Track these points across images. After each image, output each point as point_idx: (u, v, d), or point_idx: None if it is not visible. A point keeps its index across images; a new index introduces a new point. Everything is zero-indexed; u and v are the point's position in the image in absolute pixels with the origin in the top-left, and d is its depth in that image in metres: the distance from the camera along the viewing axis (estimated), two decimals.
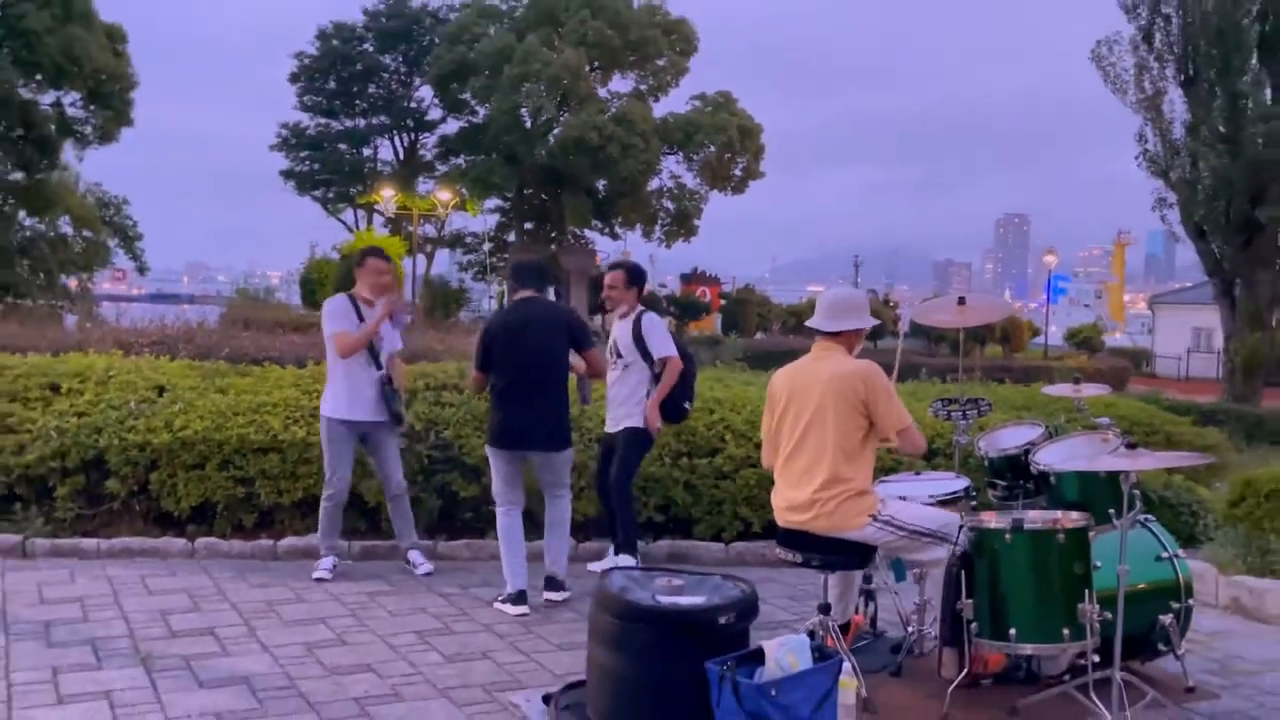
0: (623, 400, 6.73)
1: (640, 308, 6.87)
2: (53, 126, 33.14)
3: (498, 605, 6.08)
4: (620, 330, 6.82)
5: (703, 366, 7.39)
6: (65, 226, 35.64)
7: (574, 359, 6.41)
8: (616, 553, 6.75)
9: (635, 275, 6.92)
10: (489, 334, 6.25)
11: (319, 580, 6.44)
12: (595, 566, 6.86)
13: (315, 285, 31.49)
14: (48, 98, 33.38)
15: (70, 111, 33.98)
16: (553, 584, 6.25)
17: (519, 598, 6.04)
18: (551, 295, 6.52)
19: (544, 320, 6.24)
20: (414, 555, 6.75)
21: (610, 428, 6.84)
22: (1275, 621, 6.34)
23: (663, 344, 6.69)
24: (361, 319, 6.53)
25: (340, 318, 6.51)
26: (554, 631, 5.70)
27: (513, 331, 6.17)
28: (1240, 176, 26.93)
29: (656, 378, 6.68)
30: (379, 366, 6.56)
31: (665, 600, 4.27)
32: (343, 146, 50.95)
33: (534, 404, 6.15)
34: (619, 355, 6.77)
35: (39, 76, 32.18)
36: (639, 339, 6.69)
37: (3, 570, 6.46)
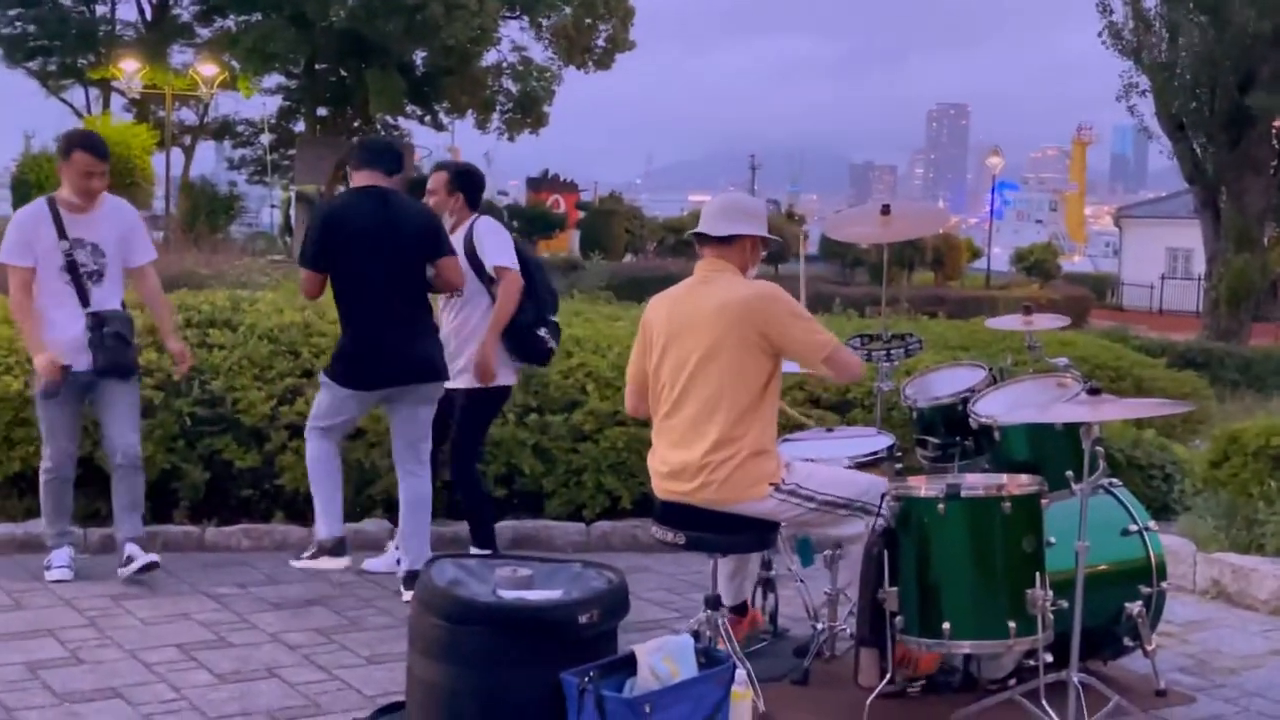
0: (461, 343, 6.57)
1: (473, 216, 6.74)
2: None
3: (302, 563, 6.11)
4: None
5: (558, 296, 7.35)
6: None
7: None
8: (480, 545, 6.68)
9: (463, 178, 6.81)
10: (332, 220, 6.17)
11: (58, 581, 6.24)
12: (371, 565, 6.80)
13: (32, 188, 30.36)
14: None
15: None
16: (412, 580, 6.18)
17: (338, 546, 6.06)
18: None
19: (411, 218, 6.20)
20: (131, 548, 6.33)
21: (453, 380, 6.64)
22: (1262, 608, 6.65)
23: (496, 250, 6.52)
24: (64, 234, 6.19)
25: (19, 245, 6.17)
26: (363, 640, 5.68)
27: (374, 228, 6.05)
28: (1227, 55, 27.68)
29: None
30: (86, 301, 6.24)
31: (509, 595, 4.29)
32: (67, 2, 49.03)
33: (410, 326, 6.14)
34: (459, 291, 6.59)
35: None
36: (472, 255, 6.55)
37: None
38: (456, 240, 6.60)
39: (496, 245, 6.56)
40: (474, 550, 6.56)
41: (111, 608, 5.98)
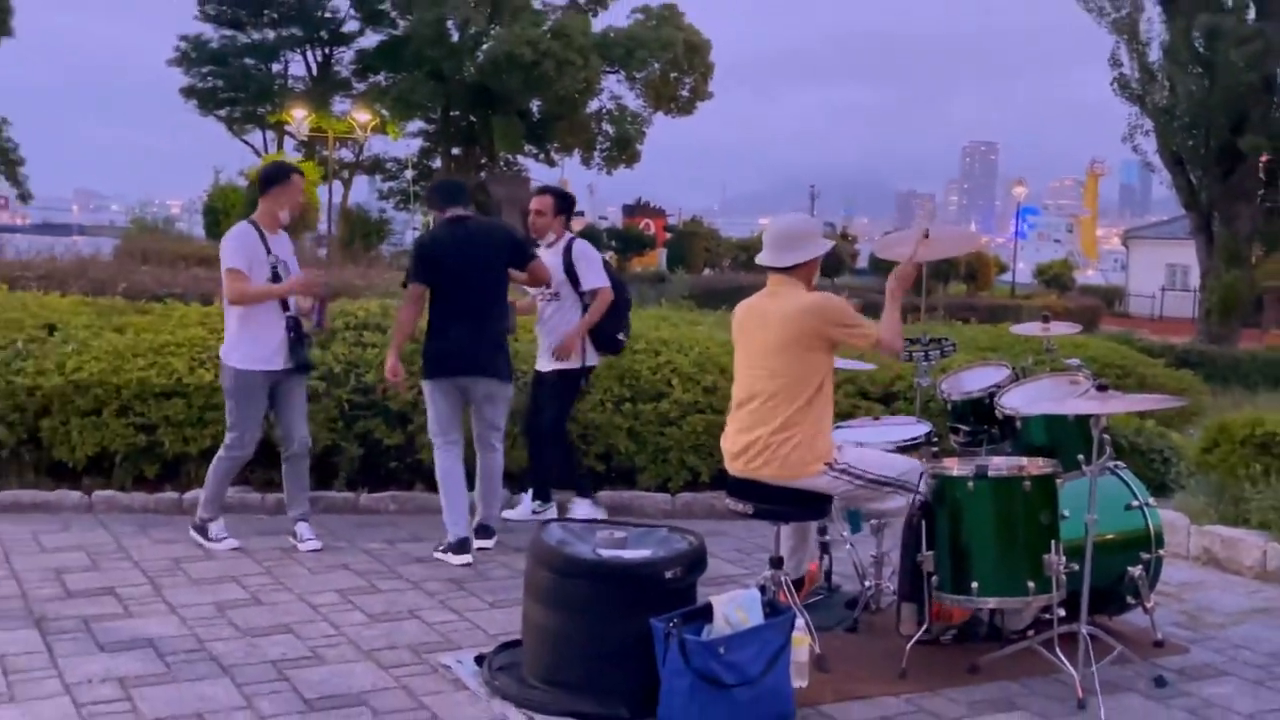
0: (553, 330, 6.87)
1: (570, 235, 6.98)
2: None
3: (438, 555, 6.16)
4: (549, 259, 6.83)
5: (647, 305, 7.41)
6: None
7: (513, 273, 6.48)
8: (537, 498, 7.05)
9: (563, 201, 7.04)
10: (431, 245, 6.29)
11: (234, 550, 6.23)
12: (509, 514, 6.97)
13: (220, 215, 30.88)
14: None
15: None
16: (487, 532, 6.39)
17: (462, 545, 6.10)
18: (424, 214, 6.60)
19: (486, 238, 6.33)
20: (302, 528, 6.37)
21: (541, 365, 6.95)
22: (1247, 573, 6.53)
23: (593, 274, 6.80)
24: (269, 250, 6.20)
25: (241, 252, 6.10)
26: (487, 588, 5.73)
27: (457, 250, 6.19)
28: (1219, 103, 27.25)
29: (587, 309, 6.81)
30: (286, 306, 6.26)
31: (607, 554, 4.31)
32: (249, 61, 49.84)
33: (480, 329, 6.21)
34: (547, 285, 6.83)
35: None
36: (569, 268, 6.81)
37: None
38: (556, 252, 6.85)
39: (592, 269, 6.82)
40: (535, 504, 6.97)
41: (284, 559, 6.09)
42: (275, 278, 6.20)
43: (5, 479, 7.04)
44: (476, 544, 6.28)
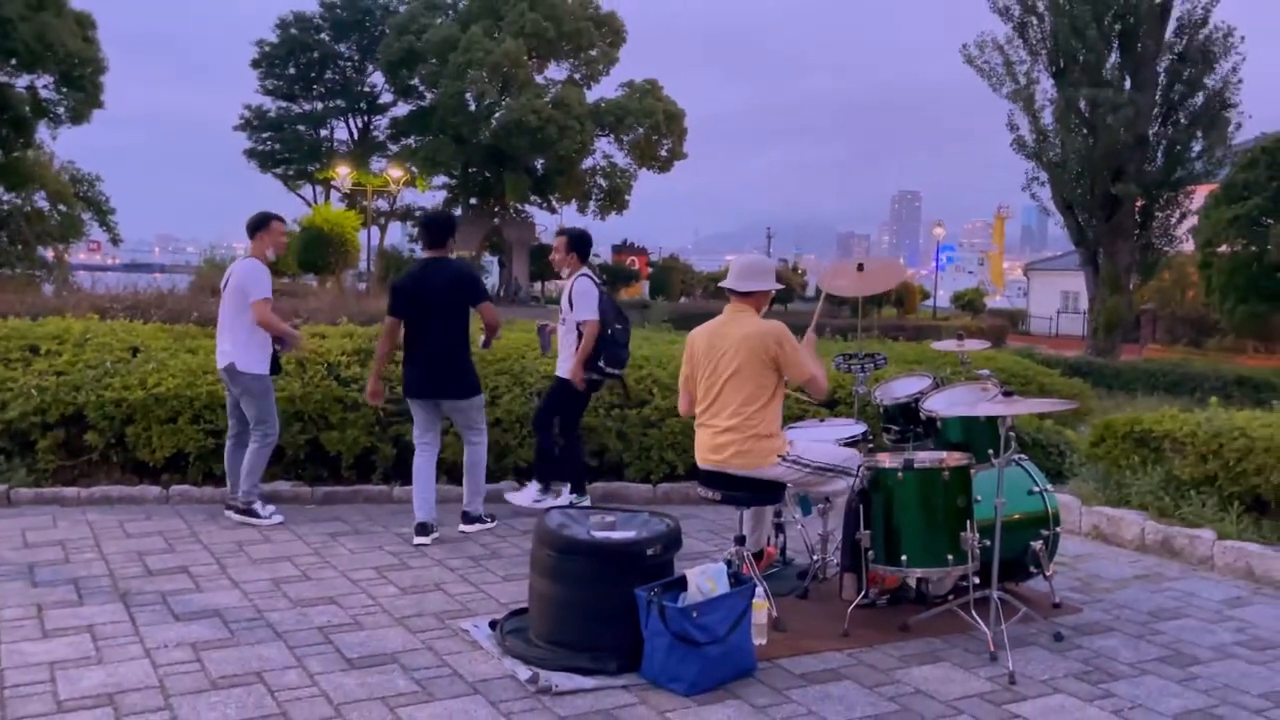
0: (562, 351, 6.82)
1: (581, 271, 6.81)
2: (27, 108, 31.99)
3: (415, 540, 6.06)
4: (564, 290, 6.84)
5: (633, 327, 7.36)
6: (41, 201, 34.48)
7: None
8: (541, 489, 6.88)
9: (575, 241, 6.89)
10: (399, 288, 6.22)
11: (278, 525, 6.27)
12: (513, 498, 6.92)
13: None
14: (22, 81, 32.20)
15: (44, 94, 32.83)
16: (468, 518, 6.32)
17: (421, 529, 6.08)
18: (454, 254, 6.43)
19: (445, 279, 6.12)
20: (258, 504, 6.39)
21: (558, 371, 6.89)
22: (1129, 546, 6.53)
23: (582, 308, 6.64)
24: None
25: (267, 285, 6.31)
26: (499, 565, 5.69)
27: (418, 290, 6.11)
28: (1101, 158, 27.46)
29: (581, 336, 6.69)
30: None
31: (599, 535, 4.29)
32: (301, 127, 49.92)
33: (440, 357, 6.11)
34: (562, 312, 6.82)
35: (14, 61, 31.00)
36: (571, 300, 6.74)
37: None
38: (568, 284, 6.75)
39: (582, 304, 6.65)
40: (573, 497, 6.74)
41: (329, 542, 6.04)
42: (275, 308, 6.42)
43: (96, 476, 6.98)
44: (461, 528, 6.25)
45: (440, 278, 6.13)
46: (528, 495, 6.93)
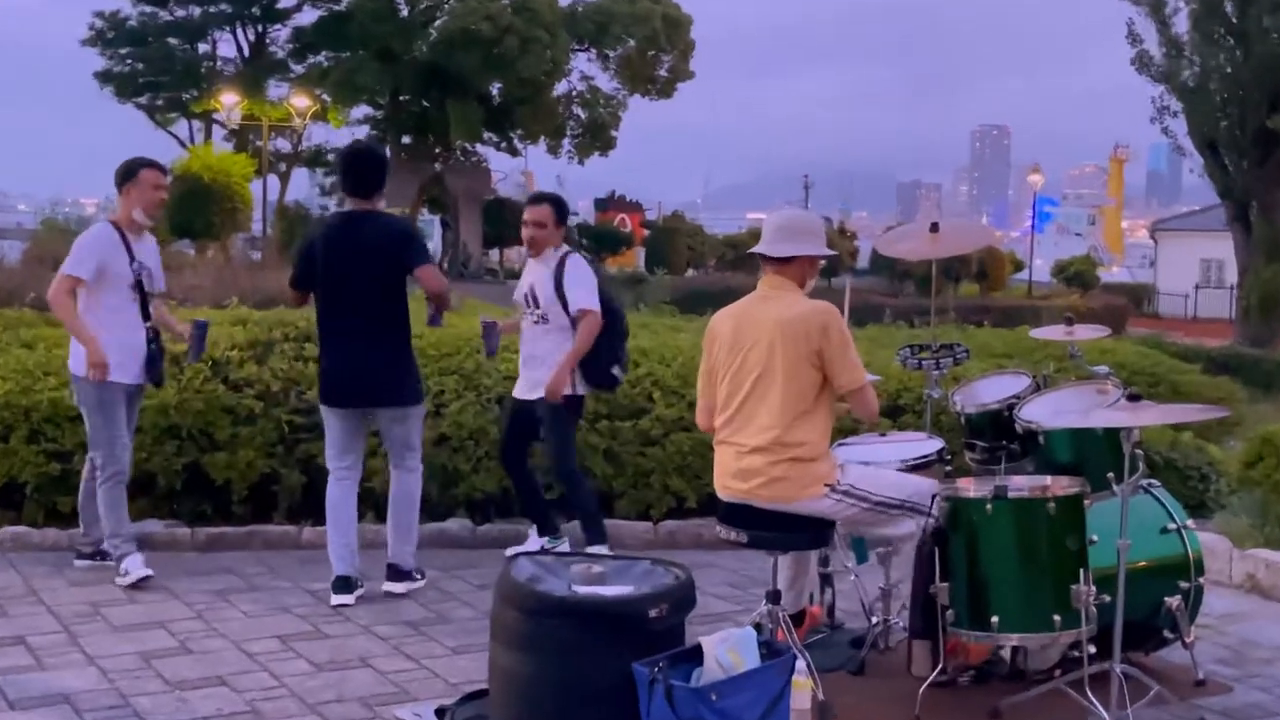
0: (542, 359, 6.62)
1: (565, 249, 6.73)
2: None
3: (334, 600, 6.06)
4: (538, 274, 6.65)
5: (624, 309, 7.37)
6: None
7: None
8: (542, 537, 6.81)
9: (563, 210, 6.81)
10: (308, 250, 6.19)
11: (138, 582, 6.20)
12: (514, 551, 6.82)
13: None
14: None
15: None
16: (397, 573, 6.23)
17: (341, 584, 6.06)
18: (384, 205, 6.37)
19: (374, 238, 6.08)
20: (120, 547, 6.36)
21: (523, 392, 6.74)
22: None
23: (583, 294, 6.55)
24: (131, 255, 6.29)
25: (89, 258, 6.19)
26: (448, 631, 5.70)
27: (336, 252, 6.06)
28: (1255, 79, 27.39)
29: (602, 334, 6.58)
30: (147, 316, 6.36)
31: (583, 590, 4.29)
32: (173, 41, 49.69)
33: (369, 348, 6.08)
34: (535, 304, 6.65)
35: None
36: (559, 286, 6.55)
37: None
38: (547, 265, 6.63)
39: (583, 288, 6.58)
40: (544, 541, 6.73)
41: (217, 602, 6.05)
42: (138, 285, 6.32)
43: None
44: (386, 587, 6.19)
45: (367, 237, 6.10)
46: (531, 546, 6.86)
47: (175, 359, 7.10)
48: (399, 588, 6.22)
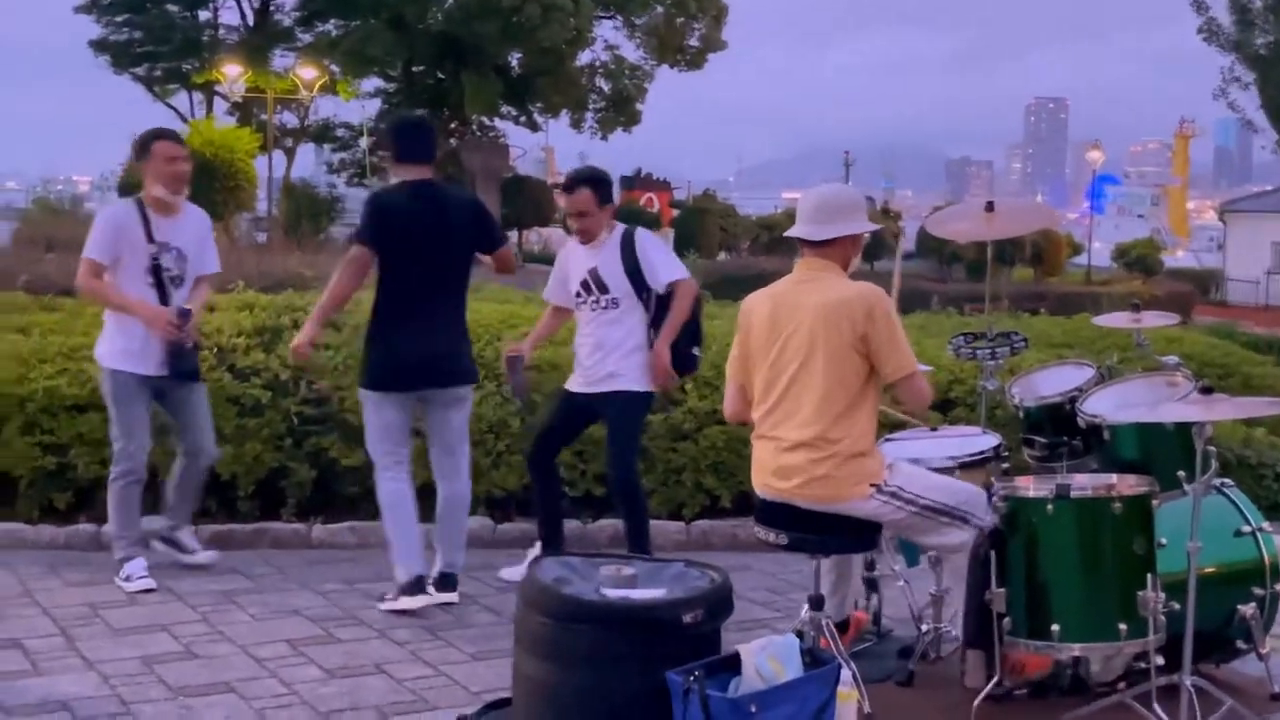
0: (613, 348, 6.41)
1: (621, 226, 6.56)
2: None
3: (385, 606, 6.04)
4: (600, 259, 6.45)
5: None
6: None
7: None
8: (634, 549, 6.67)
9: (603, 186, 6.60)
10: (388, 208, 6.10)
11: (142, 592, 6.21)
12: (510, 574, 6.63)
13: (138, 192, 31.08)
14: None
15: None
16: (448, 582, 6.21)
17: (415, 585, 6.03)
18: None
19: (458, 215, 6.16)
20: (187, 537, 6.64)
21: (583, 386, 6.52)
22: None
23: (670, 266, 6.42)
24: (150, 236, 6.28)
25: (105, 241, 6.23)
26: (468, 637, 5.72)
27: (420, 220, 6.04)
28: None
29: (653, 320, 6.42)
30: (166, 301, 6.32)
31: (613, 594, 4.30)
32: (173, 8, 49.79)
33: (445, 325, 6.13)
34: (601, 290, 6.43)
35: None
36: (633, 267, 6.36)
37: None
38: (611, 249, 6.45)
39: (666, 260, 6.49)
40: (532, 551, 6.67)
41: (223, 603, 6.09)
42: (155, 268, 6.29)
43: None
44: (440, 598, 6.14)
45: (450, 209, 6.14)
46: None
47: None
48: (453, 597, 6.18)
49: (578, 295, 6.52)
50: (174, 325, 6.17)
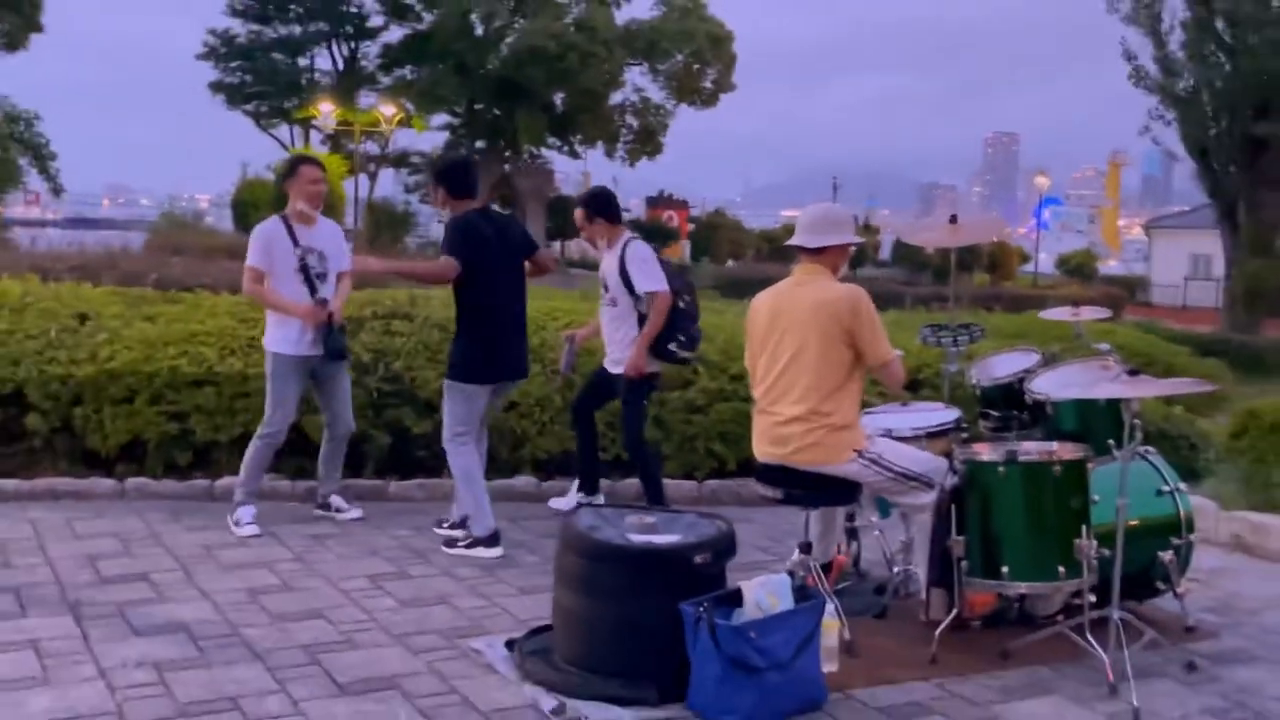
0: (617, 341, 6.60)
1: (628, 235, 6.63)
2: None
3: (460, 550, 6.02)
4: (607, 263, 6.63)
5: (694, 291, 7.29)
6: None
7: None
8: (579, 493, 6.86)
9: (594, 203, 6.72)
10: (481, 232, 6.06)
11: (250, 537, 6.21)
12: (558, 504, 6.90)
13: (248, 208, 31.04)
14: None
15: None
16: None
17: (494, 538, 6.04)
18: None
19: (514, 233, 6.31)
20: (337, 499, 6.68)
21: (610, 367, 6.68)
22: (1277, 558, 6.46)
23: (644, 277, 6.44)
24: (296, 242, 6.32)
25: (260, 250, 6.28)
26: (516, 575, 5.71)
27: (498, 244, 6.13)
28: (1243, 90, 27.02)
29: (643, 316, 6.48)
30: (315, 295, 6.35)
31: (637, 539, 4.29)
32: (277, 56, 49.96)
33: (521, 329, 6.25)
34: (605, 289, 6.64)
35: None
36: (624, 272, 6.48)
37: None
38: (613, 255, 6.56)
39: (644, 272, 6.48)
40: (580, 496, 6.82)
41: (314, 546, 6.09)
42: (304, 268, 6.33)
43: (38, 467, 7.07)
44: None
45: (509, 229, 6.30)
46: (570, 501, 6.87)
47: None
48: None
49: (601, 292, 6.73)
50: (317, 314, 6.26)
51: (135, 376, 7.06)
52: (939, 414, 5.54)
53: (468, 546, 6.04)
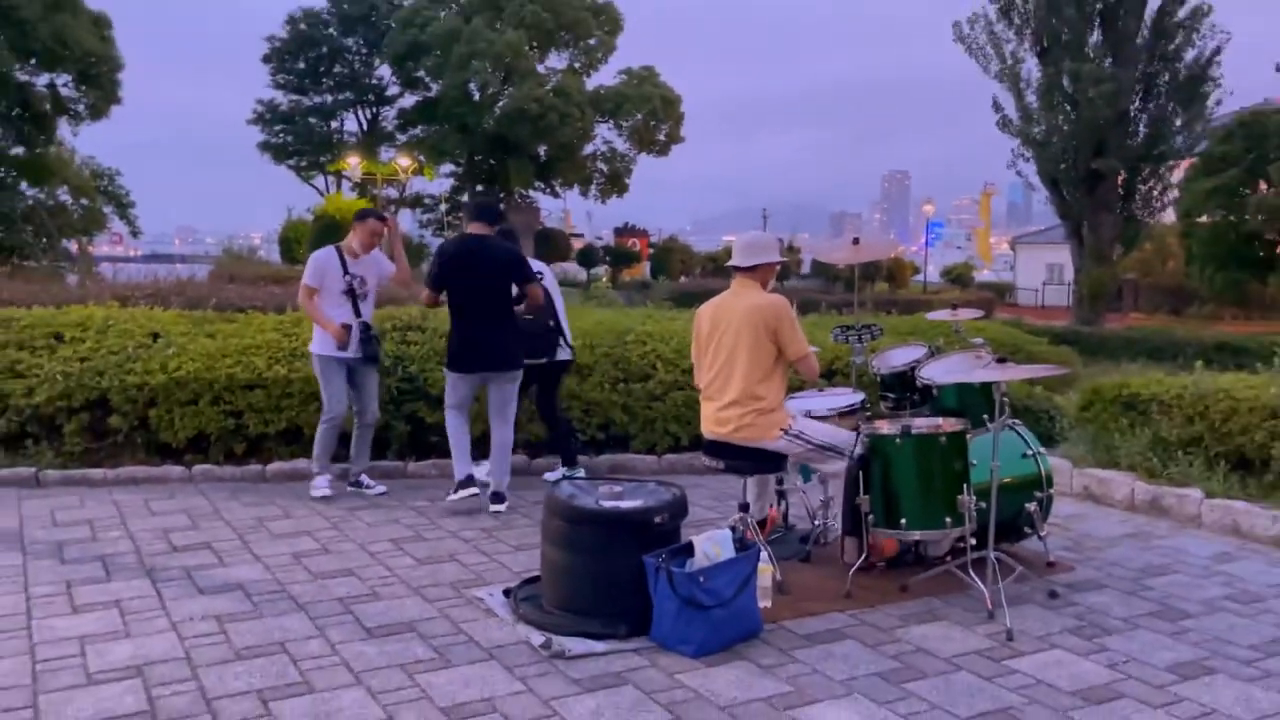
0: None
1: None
2: (48, 105, 31.85)
3: (450, 498, 6.02)
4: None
5: (635, 306, 7.29)
6: (64, 195, 34.29)
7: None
8: (563, 467, 6.87)
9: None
10: (444, 255, 6.14)
11: (322, 498, 6.28)
12: (550, 476, 6.87)
13: (292, 244, 30.81)
14: (42, 79, 32.04)
15: (63, 91, 32.60)
16: (499, 498, 6.17)
17: (466, 482, 6.03)
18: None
19: (492, 255, 6.09)
20: (365, 478, 6.61)
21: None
22: (1119, 506, 6.49)
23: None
24: (345, 270, 6.39)
25: (315, 273, 6.35)
26: (511, 536, 5.66)
27: (465, 260, 6.03)
28: (1084, 133, 27.31)
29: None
30: (359, 312, 6.43)
31: (608, 504, 4.25)
32: (313, 120, 49.63)
33: (486, 329, 6.06)
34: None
35: (34, 60, 30.86)
36: None
37: (19, 499, 6.26)
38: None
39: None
40: (562, 469, 6.82)
41: (348, 517, 6.02)
42: (350, 290, 6.42)
43: (121, 458, 6.95)
44: (492, 508, 6.08)
45: (484, 254, 6.13)
46: (554, 475, 6.87)
47: None
48: (502, 508, 6.13)
49: None
50: (341, 335, 6.32)
51: (199, 383, 6.96)
52: (848, 397, 5.53)
53: (452, 492, 6.06)
